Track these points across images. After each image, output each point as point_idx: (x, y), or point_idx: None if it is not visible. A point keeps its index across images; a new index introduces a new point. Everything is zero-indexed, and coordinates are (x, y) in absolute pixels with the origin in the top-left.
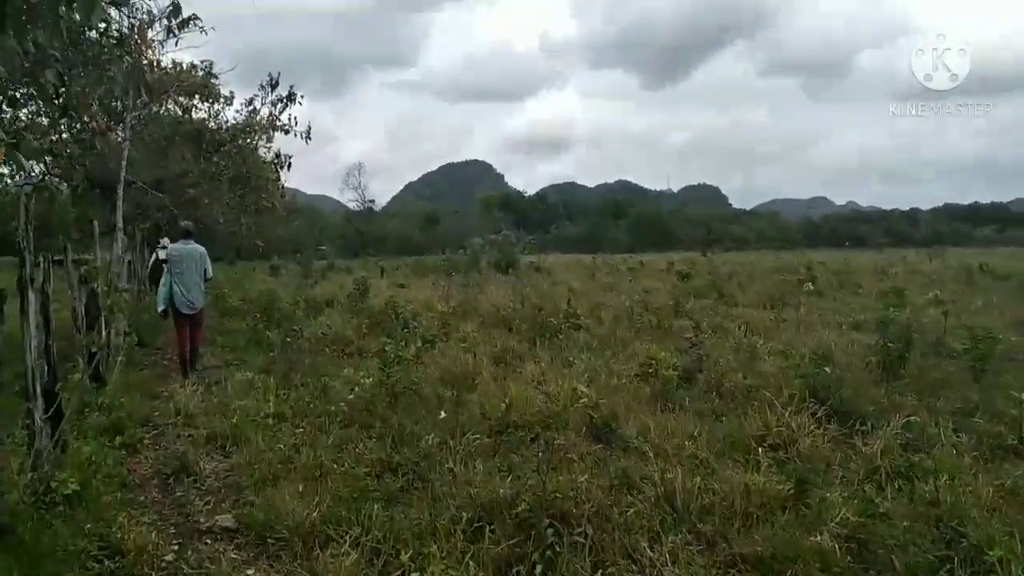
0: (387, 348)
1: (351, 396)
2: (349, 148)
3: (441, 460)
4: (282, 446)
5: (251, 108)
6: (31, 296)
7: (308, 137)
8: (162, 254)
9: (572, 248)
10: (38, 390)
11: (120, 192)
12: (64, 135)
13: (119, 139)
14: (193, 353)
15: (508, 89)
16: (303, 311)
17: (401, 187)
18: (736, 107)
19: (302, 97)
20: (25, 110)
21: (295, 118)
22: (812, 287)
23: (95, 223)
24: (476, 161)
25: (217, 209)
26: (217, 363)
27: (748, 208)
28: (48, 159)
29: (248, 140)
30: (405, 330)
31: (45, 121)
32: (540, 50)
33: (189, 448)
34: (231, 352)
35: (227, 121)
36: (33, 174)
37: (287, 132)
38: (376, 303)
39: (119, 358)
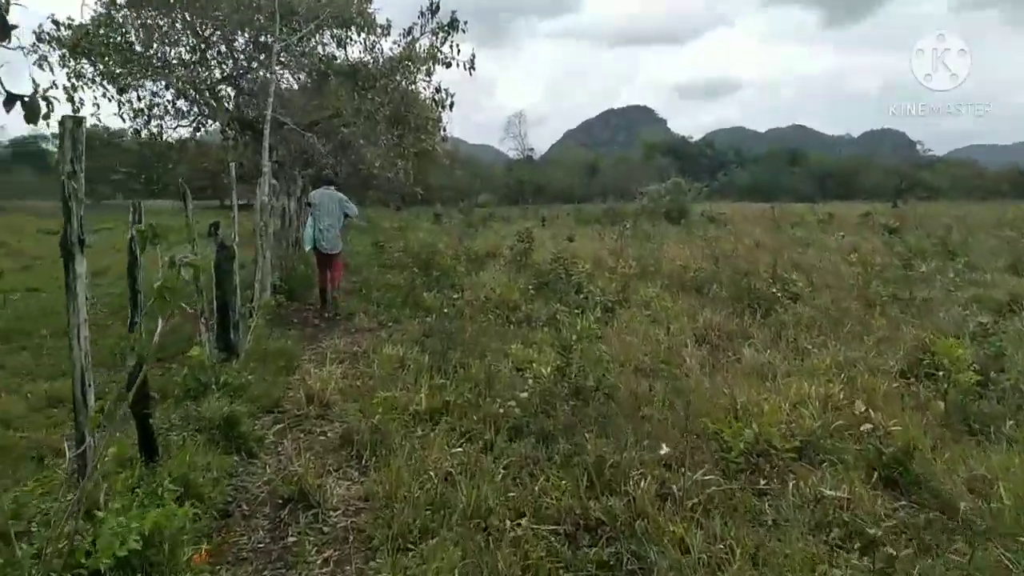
0: (560, 317)
1: (524, 393)
2: (510, 98)
3: (661, 519)
4: (432, 474)
5: (410, 38)
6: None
7: (472, 67)
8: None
9: (743, 197)
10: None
11: (266, 131)
12: (215, 72)
13: (267, 75)
14: (325, 293)
15: (672, 31)
16: (464, 266)
17: (560, 135)
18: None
19: (465, 24)
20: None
21: (458, 47)
22: None
23: (232, 166)
24: (637, 107)
25: (373, 152)
26: (371, 324)
27: (940, 155)
28: (195, 96)
29: (407, 75)
30: (579, 294)
31: (187, 55)
32: None
33: (313, 463)
34: (387, 311)
35: (383, 54)
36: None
37: (448, 65)
38: (541, 257)
39: (254, 321)
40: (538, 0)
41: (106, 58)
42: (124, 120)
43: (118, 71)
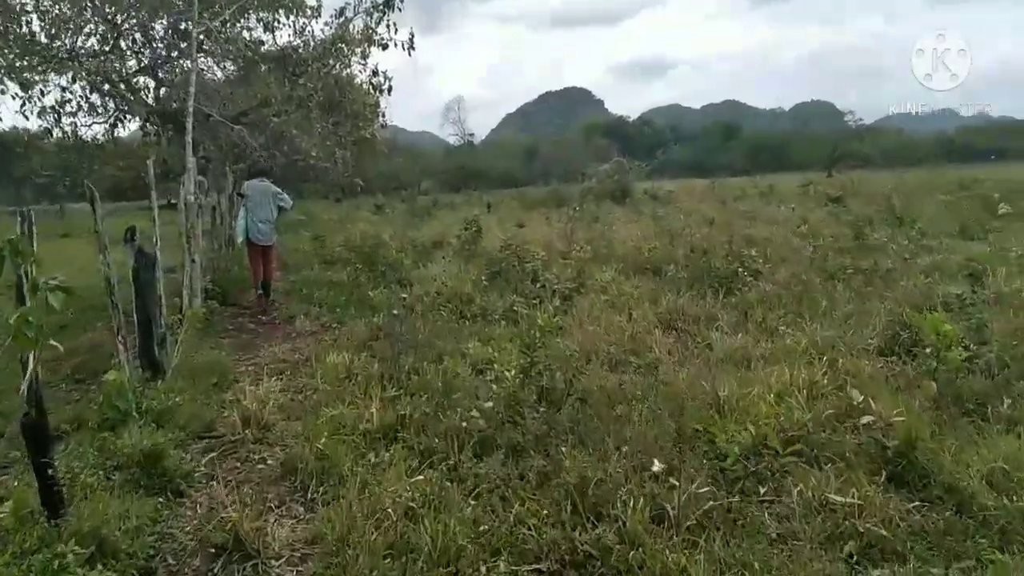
0: (518, 309)
1: (488, 403)
2: (448, 84)
3: (657, 546)
4: (391, 510)
5: (342, 19)
6: None
7: (411, 47)
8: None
9: (682, 174)
10: None
11: (189, 124)
12: (130, 62)
13: (188, 64)
14: (266, 285)
15: (606, 11)
16: (411, 258)
17: (500, 119)
18: (850, 18)
19: (402, 2)
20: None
21: (395, 26)
22: (1008, 209)
23: (149, 163)
24: (574, 88)
25: (308, 141)
26: (313, 327)
27: (868, 123)
28: (109, 90)
29: (341, 58)
30: (535, 283)
31: (97, 45)
32: None
33: (251, 500)
34: (330, 313)
35: (315, 37)
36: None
37: (385, 47)
38: (490, 245)
39: (182, 333)
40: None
41: (4, 50)
42: (26, 118)
43: (17, 64)
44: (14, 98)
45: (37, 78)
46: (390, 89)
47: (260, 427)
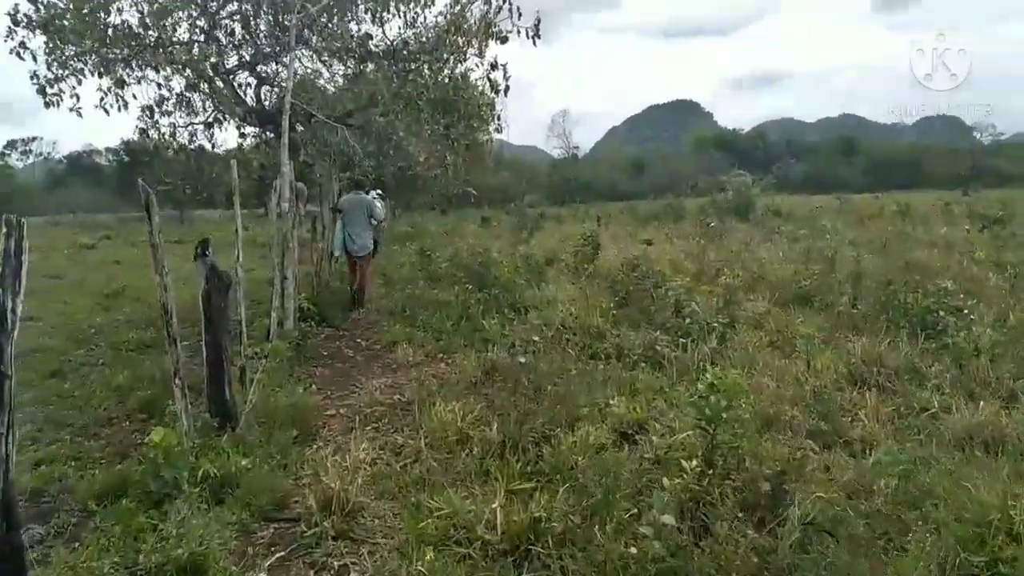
0: (661, 349)
1: (664, 516)
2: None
3: None
4: None
5: (458, 8)
6: None
7: (537, 35)
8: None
9: (800, 189)
10: None
11: (285, 123)
12: (230, 57)
13: (287, 57)
14: (360, 293)
15: (716, 23)
16: (523, 277)
17: (605, 132)
18: (985, 25)
19: None
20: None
21: (518, 10)
22: None
23: (233, 164)
24: (683, 101)
25: (417, 144)
26: (416, 357)
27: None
28: (207, 89)
29: (456, 51)
30: (678, 314)
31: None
32: None
33: None
34: (436, 340)
35: (427, 27)
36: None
37: (504, 40)
38: (609, 264)
39: (260, 368)
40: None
41: (94, 42)
42: (107, 112)
43: (110, 55)
44: (107, 94)
45: (131, 73)
46: (507, 89)
47: (345, 513)
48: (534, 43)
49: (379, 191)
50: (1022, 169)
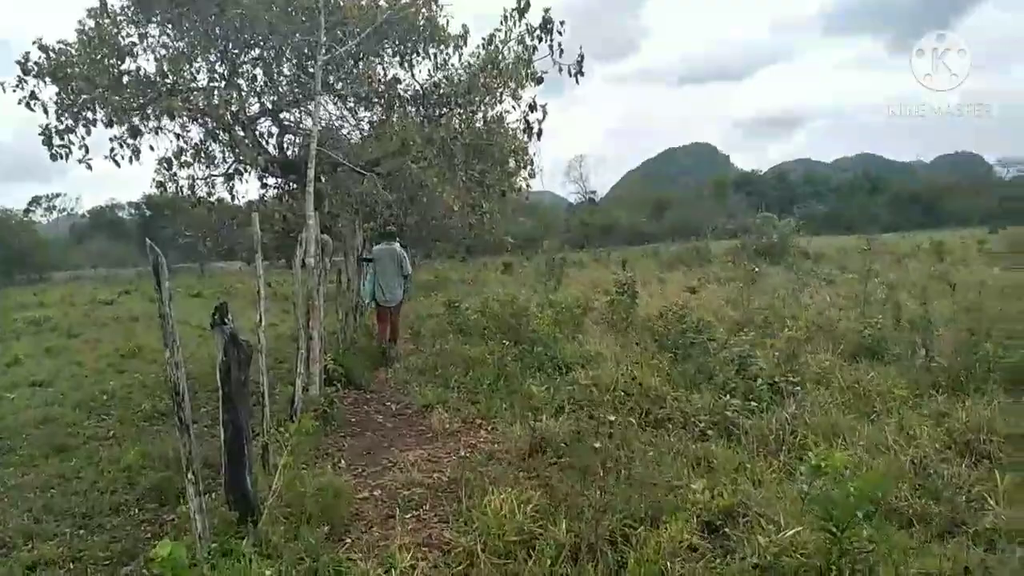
0: (730, 415)
1: None
2: (569, 143)
3: None
4: None
5: (492, 47)
6: None
7: (580, 72)
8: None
9: (822, 229)
10: None
11: (311, 172)
12: (251, 105)
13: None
14: (390, 345)
15: (730, 68)
16: (559, 328)
17: (620, 176)
18: (1005, 61)
19: (562, 24)
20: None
21: (560, 47)
22: None
23: (254, 216)
24: (699, 144)
25: (450, 193)
26: (453, 424)
27: (1009, 177)
28: (227, 139)
29: (489, 94)
30: (742, 374)
31: (206, 78)
32: (766, 25)
33: None
34: (473, 404)
35: (459, 70)
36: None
37: (540, 81)
38: (648, 312)
39: (284, 447)
40: (593, 45)
41: (107, 91)
42: (117, 164)
43: (123, 104)
44: (122, 146)
45: (147, 123)
46: (540, 133)
47: None
48: (576, 80)
49: (399, 241)
50: None
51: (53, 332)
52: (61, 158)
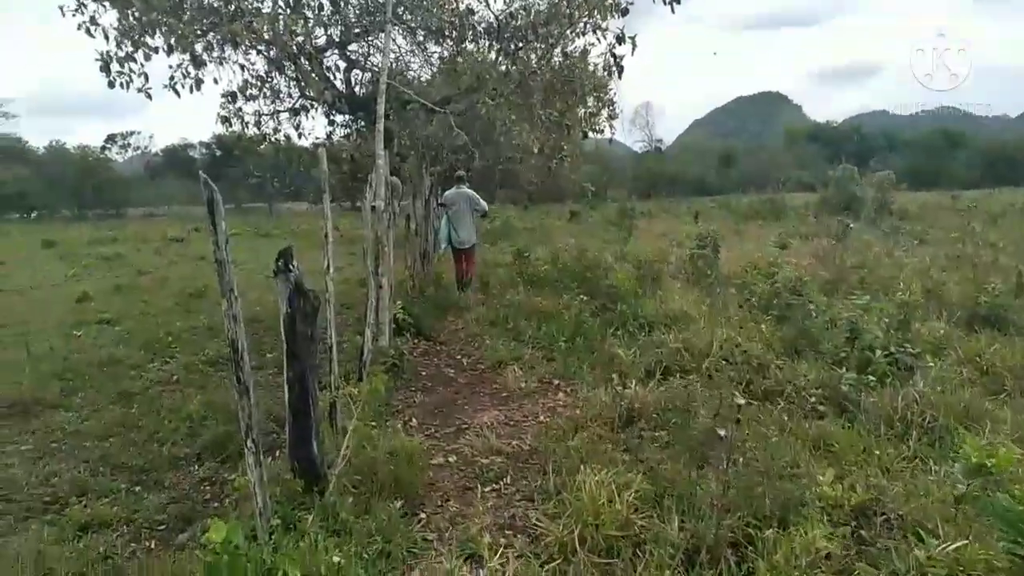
0: (846, 389)
1: None
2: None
3: None
4: None
5: None
6: None
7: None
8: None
9: (900, 185)
10: None
11: (381, 108)
12: (318, 39)
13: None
14: (466, 284)
15: (802, 13)
16: (638, 284)
17: (688, 125)
18: None
19: None
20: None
21: None
22: None
23: (321, 152)
24: (769, 93)
25: (530, 133)
26: (530, 383)
27: None
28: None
29: (571, 25)
30: (853, 344)
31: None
32: None
33: None
34: (549, 360)
35: (536, 1)
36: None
37: (625, 12)
38: (731, 269)
39: (353, 406)
40: None
41: (162, 13)
42: (177, 94)
43: (184, 29)
44: (184, 77)
45: (210, 53)
46: (621, 70)
47: None
48: (672, 9)
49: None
50: None
51: (124, 269)
52: (122, 87)
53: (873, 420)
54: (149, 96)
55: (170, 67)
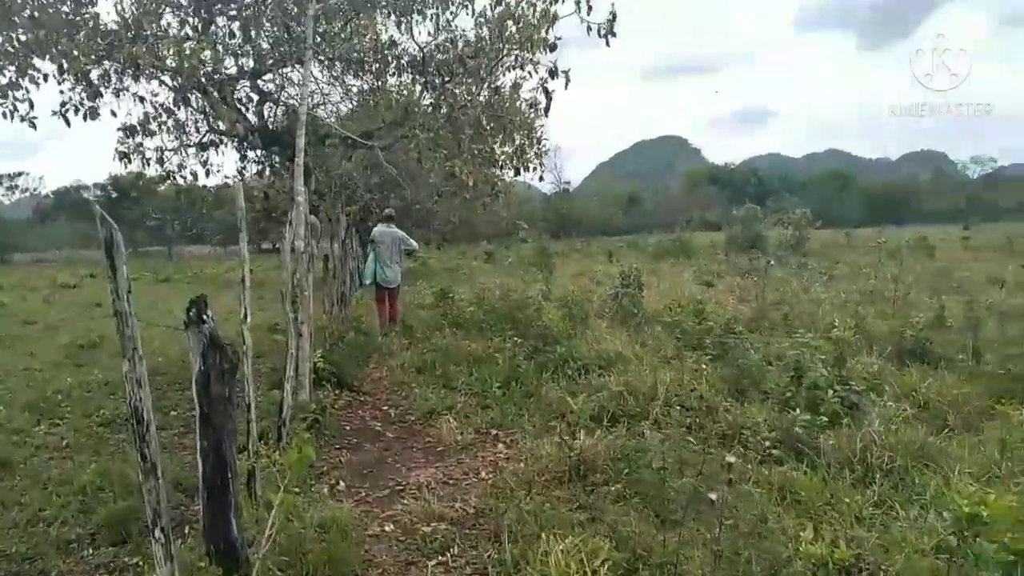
0: (799, 432)
1: None
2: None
3: None
4: None
5: (503, 7)
6: None
7: (612, 33)
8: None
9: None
10: None
11: (300, 142)
12: (229, 69)
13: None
14: (390, 327)
15: (703, 62)
16: (571, 324)
17: (592, 167)
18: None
19: None
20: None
21: (588, 2)
22: None
23: (238, 186)
24: (670, 137)
25: (462, 168)
26: (465, 435)
27: (977, 176)
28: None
29: (502, 60)
30: (797, 383)
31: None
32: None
33: None
34: (483, 408)
35: (466, 31)
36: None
37: (553, 48)
38: (654, 305)
39: (276, 469)
40: (563, 35)
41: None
42: (67, 122)
43: (83, 59)
44: (79, 107)
45: (107, 84)
46: (549, 106)
47: None
48: (607, 42)
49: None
50: (1019, 202)
51: (8, 319)
52: (4, 117)
53: (833, 464)
54: (34, 125)
55: (61, 92)
